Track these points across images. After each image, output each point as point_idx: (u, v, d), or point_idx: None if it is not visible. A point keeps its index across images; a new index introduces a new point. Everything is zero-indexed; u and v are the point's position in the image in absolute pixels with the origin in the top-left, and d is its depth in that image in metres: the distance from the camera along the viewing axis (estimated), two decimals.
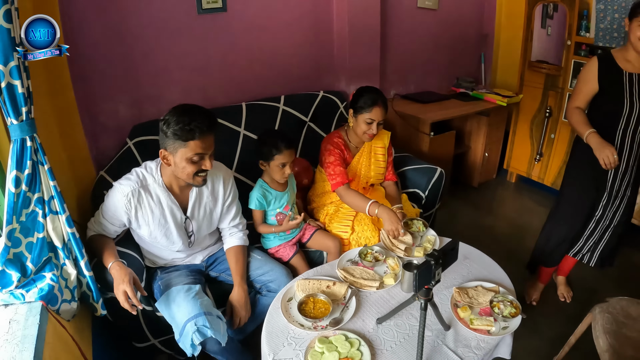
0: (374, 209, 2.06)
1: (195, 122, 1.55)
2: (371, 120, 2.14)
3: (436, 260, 1.27)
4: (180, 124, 1.55)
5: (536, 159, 3.67)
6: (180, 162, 1.61)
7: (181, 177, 1.67)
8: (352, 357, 1.41)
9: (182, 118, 1.55)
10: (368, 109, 2.12)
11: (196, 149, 1.59)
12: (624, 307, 1.86)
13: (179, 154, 1.60)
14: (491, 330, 1.56)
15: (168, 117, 1.58)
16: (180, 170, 1.64)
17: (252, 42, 2.65)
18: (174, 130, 1.55)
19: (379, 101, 2.14)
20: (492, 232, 3.26)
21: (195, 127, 1.56)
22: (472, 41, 4.07)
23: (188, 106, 1.62)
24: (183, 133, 1.55)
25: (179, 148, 1.59)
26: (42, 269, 1.50)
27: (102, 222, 1.75)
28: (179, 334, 1.61)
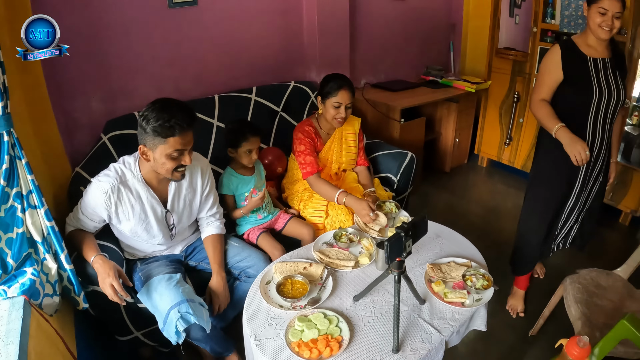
0: (342, 198, 2.13)
1: (175, 118, 1.55)
2: (338, 103, 2.20)
3: (406, 232, 1.32)
4: (160, 120, 1.54)
5: (506, 143, 3.78)
6: (159, 158, 1.62)
7: (160, 172, 1.69)
8: (332, 333, 1.46)
9: (161, 114, 1.55)
10: (334, 93, 2.19)
11: (176, 146, 1.60)
12: (594, 278, 1.96)
13: (158, 150, 1.60)
14: (465, 302, 1.62)
15: (147, 113, 1.57)
16: (159, 166, 1.65)
17: (223, 35, 2.67)
18: (154, 127, 1.55)
19: (345, 85, 2.20)
20: (465, 214, 3.36)
21: (175, 124, 1.56)
22: (441, 30, 4.15)
23: (167, 101, 1.61)
24: (163, 130, 1.55)
25: (159, 144, 1.59)
26: (23, 265, 1.50)
27: (81, 218, 1.75)
28: (163, 323, 1.63)
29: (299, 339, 1.43)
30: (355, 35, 3.39)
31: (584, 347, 1.39)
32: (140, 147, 1.64)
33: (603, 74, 1.92)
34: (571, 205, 2.18)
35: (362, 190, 2.34)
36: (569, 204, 2.17)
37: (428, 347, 1.46)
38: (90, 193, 1.70)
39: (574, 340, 1.41)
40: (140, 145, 1.63)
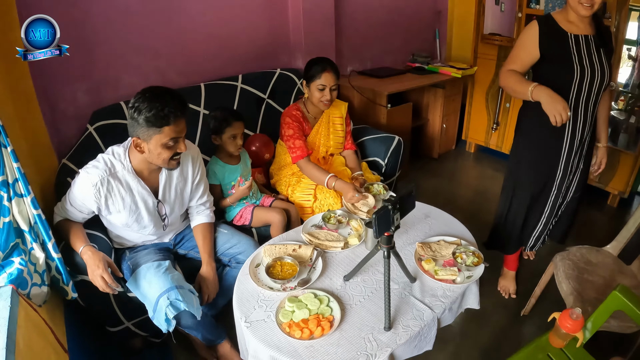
0: (332, 182, 2.15)
1: (168, 107, 1.52)
2: (323, 86, 2.22)
3: (393, 205, 1.32)
4: (154, 110, 1.51)
5: (493, 128, 3.81)
6: (155, 148, 1.59)
7: (156, 163, 1.66)
8: (323, 313, 1.46)
9: (154, 104, 1.51)
10: (318, 75, 2.21)
11: (171, 134, 1.57)
12: (584, 255, 1.98)
13: (153, 140, 1.57)
14: (456, 279, 1.63)
15: (138, 104, 1.53)
16: (155, 156, 1.62)
17: (208, 23, 2.65)
18: (147, 117, 1.51)
19: (328, 67, 2.22)
20: (454, 198, 3.39)
21: (170, 113, 1.52)
22: (427, 18, 4.16)
23: (157, 90, 1.57)
24: (157, 119, 1.52)
25: (154, 135, 1.55)
26: (10, 255, 1.48)
27: (69, 209, 1.72)
28: (153, 311, 1.61)
29: (289, 320, 1.43)
30: (341, 22, 3.38)
31: (577, 319, 1.40)
32: (134, 139, 1.59)
33: (586, 52, 1.79)
34: (552, 198, 2.08)
35: (349, 174, 2.36)
36: (552, 194, 2.07)
37: (420, 324, 1.46)
38: (78, 185, 1.66)
39: (567, 313, 1.42)
40: (134, 137, 1.59)
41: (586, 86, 1.82)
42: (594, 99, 1.87)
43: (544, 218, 2.17)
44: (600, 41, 1.84)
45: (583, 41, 1.81)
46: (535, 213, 2.16)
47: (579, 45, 1.81)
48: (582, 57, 1.80)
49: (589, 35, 1.82)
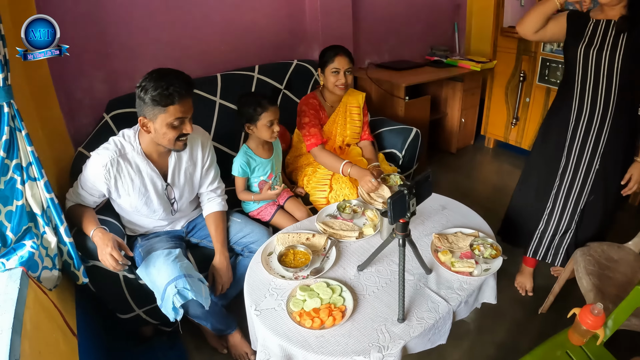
0: (347, 169, 2.10)
1: (173, 86, 1.53)
2: (336, 69, 2.20)
3: (409, 190, 1.27)
4: (159, 89, 1.51)
5: (512, 123, 3.72)
6: (160, 128, 1.59)
7: (162, 143, 1.66)
8: (335, 302, 1.43)
9: (159, 83, 1.52)
10: (331, 60, 2.20)
11: (176, 114, 1.57)
12: (605, 251, 1.90)
13: (159, 120, 1.57)
14: (473, 272, 1.58)
15: (145, 84, 1.54)
16: (161, 136, 1.62)
17: (225, 13, 2.64)
18: (152, 96, 1.52)
19: (340, 51, 2.22)
20: (471, 194, 3.32)
21: (174, 92, 1.53)
22: (445, 11, 4.09)
23: (163, 70, 1.58)
24: (162, 98, 1.52)
25: (159, 114, 1.56)
26: (23, 238, 1.49)
27: (81, 193, 1.72)
28: (161, 299, 1.59)
29: (300, 309, 1.40)
30: (359, 14, 3.34)
31: (598, 315, 1.34)
32: (140, 119, 1.60)
33: (601, 38, 1.72)
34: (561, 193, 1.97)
35: (366, 165, 2.31)
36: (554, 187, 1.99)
37: (435, 316, 1.42)
38: (89, 167, 1.67)
39: (588, 309, 1.36)
40: (140, 117, 1.60)
41: (591, 78, 1.76)
42: (603, 94, 1.77)
43: (547, 216, 2.05)
44: (623, 26, 1.68)
45: (602, 27, 1.73)
46: (537, 209, 2.08)
47: (596, 29, 1.74)
48: (593, 43, 1.73)
49: (612, 20, 1.71)
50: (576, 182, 1.94)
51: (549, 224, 2.05)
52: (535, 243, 2.12)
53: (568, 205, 1.98)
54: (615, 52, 1.69)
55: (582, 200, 1.95)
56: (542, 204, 2.05)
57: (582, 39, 1.77)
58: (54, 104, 2.06)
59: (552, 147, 1.98)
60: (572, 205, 1.98)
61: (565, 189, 1.97)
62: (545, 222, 2.06)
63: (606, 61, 1.71)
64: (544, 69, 3.33)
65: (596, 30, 1.75)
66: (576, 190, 1.95)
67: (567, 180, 1.95)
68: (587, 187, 1.93)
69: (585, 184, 1.93)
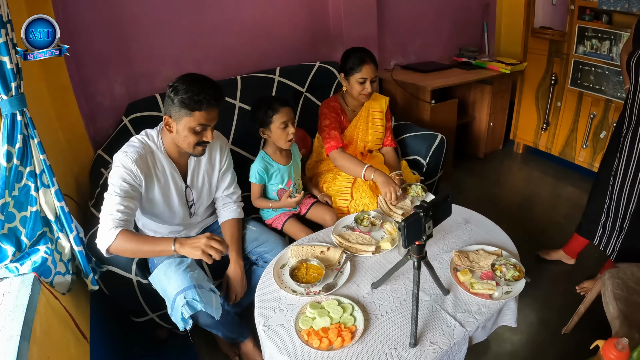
0: (370, 174, 2.03)
1: (204, 93, 1.54)
2: (363, 79, 2.12)
3: (426, 212, 1.20)
4: (190, 92, 1.53)
5: (543, 128, 3.59)
6: (182, 130, 1.59)
7: (181, 145, 1.65)
8: (345, 322, 1.38)
9: (191, 87, 1.53)
10: (358, 68, 2.11)
11: (200, 120, 1.58)
12: (634, 273, 1.79)
13: (182, 122, 1.58)
14: (493, 294, 1.49)
15: (177, 85, 1.56)
16: (181, 138, 1.62)
17: (245, 15, 2.61)
18: (182, 98, 1.53)
19: (367, 58, 2.12)
20: (498, 202, 3.21)
21: (204, 98, 1.54)
22: (474, 10, 3.96)
23: (197, 76, 1.60)
24: (191, 102, 1.54)
25: (184, 117, 1.57)
26: (37, 243, 1.50)
27: (123, 205, 1.54)
28: (170, 308, 1.58)
29: (309, 327, 1.36)
30: (384, 14, 3.26)
31: (622, 351, 1.27)
32: (165, 117, 1.61)
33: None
34: (617, 185, 2.03)
35: (388, 172, 2.24)
36: (611, 178, 2.06)
37: (449, 342, 1.35)
38: (119, 167, 1.58)
39: (612, 343, 1.29)
40: (165, 115, 1.61)
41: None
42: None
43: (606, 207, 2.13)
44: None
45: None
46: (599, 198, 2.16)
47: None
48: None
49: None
50: (627, 181, 2.00)
51: (609, 217, 2.13)
52: (600, 233, 2.20)
53: (621, 202, 2.04)
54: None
55: (632, 200, 1.99)
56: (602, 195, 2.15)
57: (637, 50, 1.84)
58: (73, 107, 2.09)
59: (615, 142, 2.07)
60: (624, 203, 2.03)
61: (618, 186, 2.03)
62: (606, 214, 2.15)
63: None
64: (576, 72, 3.19)
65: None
66: (627, 188, 2.00)
67: (619, 179, 2.02)
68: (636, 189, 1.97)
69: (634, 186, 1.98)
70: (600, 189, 2.17)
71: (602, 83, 3.05)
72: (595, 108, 3.16)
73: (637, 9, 2.68)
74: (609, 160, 2.12)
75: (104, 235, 1.50)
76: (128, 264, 1.70)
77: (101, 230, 1.51)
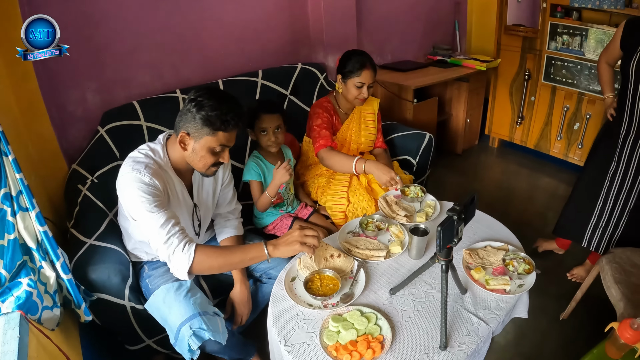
0: (361, 165, 1.97)
1: (232, 113, 1.43)
2: (361, 84, 2.06)
3: (459, 215, 1.16)
4: (217, 110, 1.40)
5: (517, 122, 3.66)
6: (201, 150, 1.46)
7: (195, 164, 1.51)
8: (371, 332, 1.31)
9: (220, 105, 1.41)
10: (357, 72, 2.04)
11: (222, 141, 1.46)
12: (629, 257, 1.86)
13: (202, 141, 1.45)
14: (508, 289, 1.49)
15: (202, 99, 1.41)
16: (197, 158, 1.48)
17: (224, 17, 2.50)
18: (208, 115, 1.40)
19: (368, 64, 2.05)
20: (480, 197, 3.21)
21: (232, 119, 1.43)
22: (445, 9, 3.99)
23: (224, 93, 1.49)
24: (216, 121, 1.41)
25: (206, 135, 1.44)
26: (18, 275, 1.34)
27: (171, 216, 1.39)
28: (174, 339, 1.44)
29: (335, 342, 1.27)
30: (361, 15, 3.23)
31: (638, 329, 1.29)
32: (182, 134, 1.45)
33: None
34: (612, 191, 2.11)
35: None
36: (605, 186, 2.12)
37: (477, 340, 1.32)
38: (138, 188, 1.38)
39: (627, 323, 1.31)
40: (182, 131, 1.45)
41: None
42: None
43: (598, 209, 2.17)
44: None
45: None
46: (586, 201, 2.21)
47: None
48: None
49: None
50: (626, 182, 2.07)
51: (601, 219, 2.18)
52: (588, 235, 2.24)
53: (618, 203, 2.11)
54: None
55: (631, 200, 2.07)
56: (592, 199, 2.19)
57: (635, 53, 1.89)
58: (44, 118, 1.92)
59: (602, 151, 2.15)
60: (621, 203, 2.10)
61: (616, 189, 2.10)
62: (597, 217, 2.19)
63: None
64: (549, 67, 3.28)
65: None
66: (625, 190, 2.08)
67: (617, 181, 2.09)
68: (635, 189, 2.06)
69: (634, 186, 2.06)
70: (589, 191, 2.20)
71: (574, 77, 3.15)
72: (568, 101, 3.25)
73: (608, 5, 2.77)
74: (597, 163, 2.17)
75: (178, 258, 1.34)
76: (120, 290, 1.55)
77: (170, 255, 1.35)
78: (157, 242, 1.36)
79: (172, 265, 1.37)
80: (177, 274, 1.38)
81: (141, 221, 1.38)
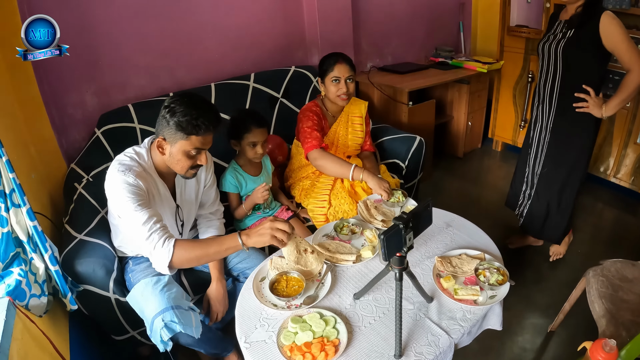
0: (359, 174, 2.02)
1: (203, 117, 1.48)
2: (336, 77, 2.12)
3: (405, 224, 1.18)
4: (188, 116, 1.47)
5: (521, 125, 3.62)
6: (177, 153, 1.54)
7: (174, 168, 1.60)
8: (328, 336, 1.35)
9: (190, 110, 1.47)
10: (331, 68, 2.12)
11: (196, 144, 1.53)
12: (619, 270, 1.79)
13: (177, 145, 1.52)
14: (478, 299, 1.48)
15: (174, 106, 1.49)
16: (175, 161, 1.56)
17: (218, 21, 2.57)
18: (179, 121, 1.47)
19: (340, 58, 2.13)
20: (479, 201, 3.23)
21: (202, 124, 1.49)
22: (449, 10, 3.98)
23: (197, 98, 1.55)
24: (188, 126, 1.48)
25: (180, 140, 1.51)
26: (10, 265, 1.45)
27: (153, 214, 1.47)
28: (149, 330, 1.53)
29: (292, 342, 1.33)
30: (359, 15, 3.25)
31: (610, 352, 1.26)
32: (159, 139, 1.54)
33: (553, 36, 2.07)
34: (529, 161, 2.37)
35: None
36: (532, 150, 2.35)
37: (435, 351, 1.33)
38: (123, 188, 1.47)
39: (599, 344, 1.28)
40: (159, 137, 1.54)
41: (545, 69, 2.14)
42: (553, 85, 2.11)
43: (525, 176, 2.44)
44: (569, 26, 2.00)
45: (558, 26, 2.07)
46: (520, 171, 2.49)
47: (553, 27, 2.11)
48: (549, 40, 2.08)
49: (563, 20, 2.05)
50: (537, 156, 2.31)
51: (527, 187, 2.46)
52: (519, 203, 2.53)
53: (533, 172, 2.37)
54: (559, 44, 2.03)
55: (537, 168, 2.32)
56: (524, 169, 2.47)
57: (546, 36, 2.13)
58: (44, 121, 2.03)
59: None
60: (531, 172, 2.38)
61: (530, 160, 2.36)
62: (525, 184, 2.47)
63: (552, 51, 2.06)
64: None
65: (557, 28, 2.08)
66: (536, 161, 2.32)
67: (530, 150, 2.35)
68: (540, 159, 2.29)
69: (540, 156, 2.29)
70: (522, 160, 2.45)
71: None
72: None
73: (612, 5, 2.73)
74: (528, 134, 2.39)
75: (159, 253, 1.42)
76: (105, 282, 1.66)
77: (152, 251, 1.43)
78: (140, 239, 1.44)
79: (154, 260, 1.46)
80: (159, 268, 1.47)
81: (126, 219, 1.47)
